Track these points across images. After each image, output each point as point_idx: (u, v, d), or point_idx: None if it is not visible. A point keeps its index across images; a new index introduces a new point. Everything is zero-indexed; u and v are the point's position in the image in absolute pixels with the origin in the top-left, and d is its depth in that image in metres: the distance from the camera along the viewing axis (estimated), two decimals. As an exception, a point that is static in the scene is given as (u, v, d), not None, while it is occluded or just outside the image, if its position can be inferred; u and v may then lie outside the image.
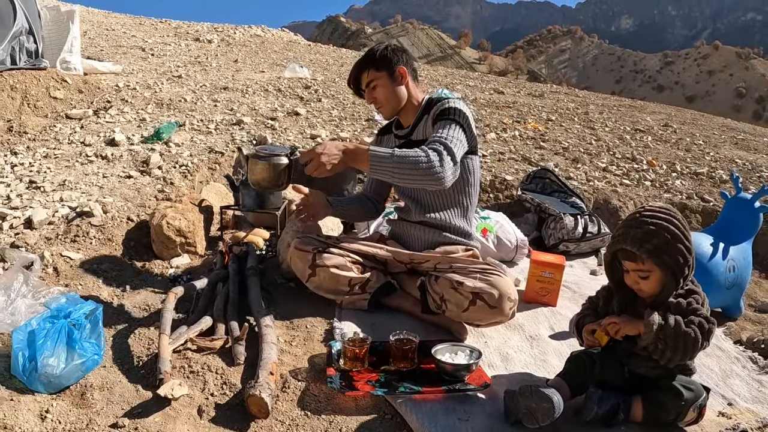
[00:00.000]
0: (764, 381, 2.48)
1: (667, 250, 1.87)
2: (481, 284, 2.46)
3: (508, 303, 2.45)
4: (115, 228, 3.17)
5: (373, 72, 2.78)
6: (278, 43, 13.97)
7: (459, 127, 2.57)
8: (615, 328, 1.94)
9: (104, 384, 1.96)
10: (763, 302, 3.40)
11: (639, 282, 1.95)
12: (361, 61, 2.85)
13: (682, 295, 1.94)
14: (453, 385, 2.10)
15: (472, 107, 7.66)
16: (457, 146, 2.49)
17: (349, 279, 2.66)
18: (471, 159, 2.74)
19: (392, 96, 2.80)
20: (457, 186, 2.73)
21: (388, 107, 2.84)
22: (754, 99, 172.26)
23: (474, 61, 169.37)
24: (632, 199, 4.54)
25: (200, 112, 5.59)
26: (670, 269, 1.88)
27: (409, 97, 2.84)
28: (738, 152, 7.30)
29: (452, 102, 2.69)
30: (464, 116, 2.63)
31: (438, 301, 2.55)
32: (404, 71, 2.79)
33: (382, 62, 2.77)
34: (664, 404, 1.88)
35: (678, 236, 1.88)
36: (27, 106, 5.03)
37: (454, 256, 2.70)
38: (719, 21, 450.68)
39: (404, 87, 2.81)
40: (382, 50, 2.79)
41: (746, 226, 3.16)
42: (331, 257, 2.66)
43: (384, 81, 2.78)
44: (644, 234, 1.89)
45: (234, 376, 2.09)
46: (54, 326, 1.93)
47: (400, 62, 2.78)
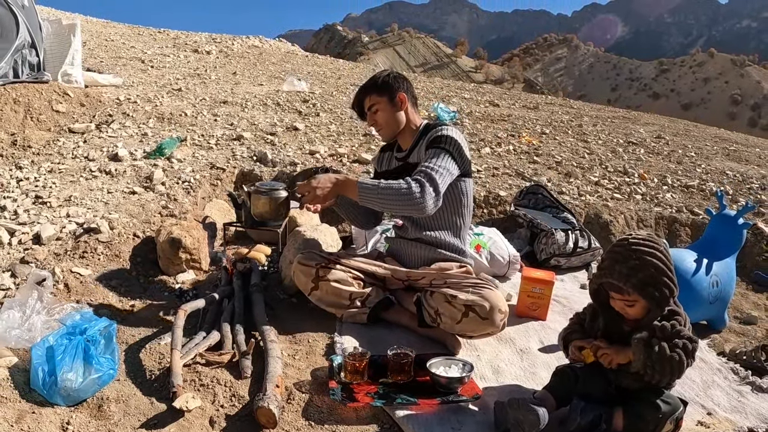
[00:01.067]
0: (744, 391, 2.59)
1: (652, 283, 1.98)
2: (473, 297, 2.59)
3: (498, 314, 2.57)
4: (122, 244, 3.27)
5: (375, 96, 2.97)
6: (276, 54, 14.08)
7: (448, 156, 2.73)
8: (607, 359, 2.05)
9: (120, 397, 2.07)
10: (748, 314, 3.49)
11: (625, 308, 2.07)
12: (365, 86, 3.03)
13: (665, 316, 2.04)
14: (447, 396, 2.22)
15: (467, 121, 7.77)
16: (442, 175, 2.66)
17: (350, 293, 2.80)
18: (464, 181, 2.89)
19: (391, 120, 2.98)
20: (452, 207, 2.90)
21: (387, 130, 3.02)
22: (750, 106, 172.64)
23: (470, 70, 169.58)
24: (623, 213, 4.64)
25: (201, 126, 5.69)
26: (655, 300, 1.99)
27: (408, 122, 3.01)
28: (729, 164, 7.39)
29: (446, 130, 2.84)
30: (455, 144, 2.78)
31: (433, 315, 2.67)
32: (404, 97, 2.96)
33: (384, 88, 2.95)
34: (642, 416, 1.99)
35: (662, 269, 1.99)
36: (30, 120, 5.09)
37: (449, 272, 2.83)
38: (714, 28, 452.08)
39: (403, 112, 2.99)
40: (384, 77, 2.98)
41: (730, 242, 3.26)
42: (333, 272, 2.81)
43: (384, 105, 2.96)
44: (630, 269, 1.99)
45: (242, 388, 2.21)
46: (71, 342, 2.05)
47: (400, 89, 2.96)
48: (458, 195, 2.89)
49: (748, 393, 2.59)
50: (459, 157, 2.78)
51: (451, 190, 2.80)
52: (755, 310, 3.59)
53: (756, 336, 3.24)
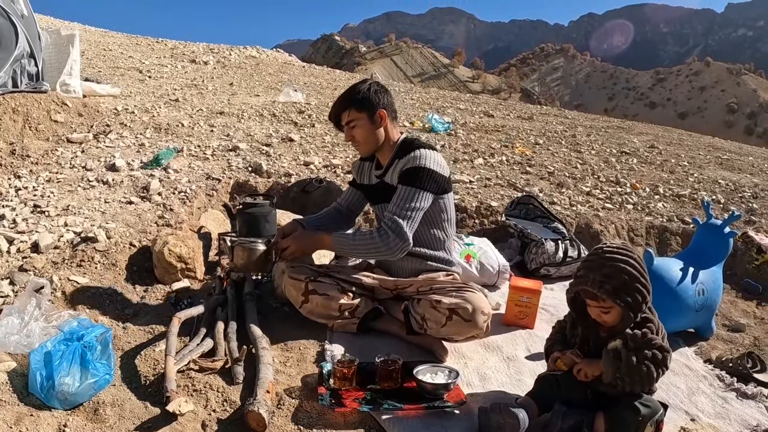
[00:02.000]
0: (729, 398, 2.64)
1: (624, 290, 2.05)
2: (456, 300, 2.65)
3: (481, 316, 2.64)
4: (118, 253, 3.31)
5: (354, 112, 2.87)
6: (273, 65, 14.16)
7: (422, 193, 2.73)
8: (581, 374, 2.13)
9: (115, 401, 2.12)
10: (736, 322, 3.54)
11: (601, 315, 2.14)
12: (343, 98, 2.92)
13: (638, 324, 2.11)
14: (432, 402, 2.28)
15: (461, 132, 7.82)
16: (412, 219, 2.72)
17: (339, 305, 2.82)
18: (443, 198, 2.87)
19: (370, 137, 2.90)
20: (432, 223, 2.90)
21: (365, 147, 2.96)
22: (746, 114, 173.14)
23: (467, 80, 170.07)
24: (613, 222, 4.70)
25: (197, 137, 5.75)
26: (628, 306, 2.06)
27: (386, 138, 2.93)
28: (722, 172, 7.46)
29: (420, 158, 2.76)
30: (430, 176, 2.74)
31: (420, 321, 2.72)
32: (384, 114, 2.88)
33: (364, 103, 2.86)
34: (623, 420, 2.04)
35: (635, 276, 2.06)
36: (29, 129, 5.13)
37: (435, 279, 2.87)
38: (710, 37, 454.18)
39: (383, 129, 2.91)
40: (365, 91, 2.87)
41: (717, 250, 3.31)
42: (322, 285, 2.83)
43: (363, 122, 2.87)
44: (603, 276, 2.07)
45: (234, 394, 2.26)
46: (68, 348, 2.11)
47: (380, 104, 2.87)
48: (438, 212, 2.88)
49: (733, 399, 2.64)
50: (435, 184, 2.76)
51: (430, 208, 2.81)
52: (744, 318, 3.64)
53: (743, 343, 3.29)
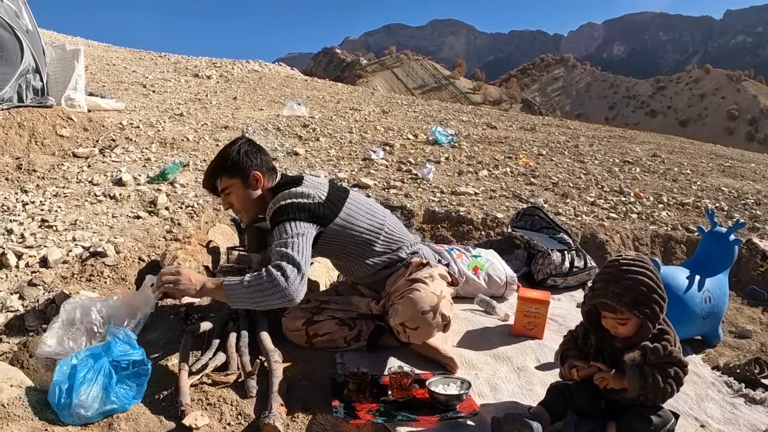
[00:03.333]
0: (737, 404, 2.66)
1: (644, 302, 2.07)
2: (397, 315, 2.58)
3: (425, 316, 2.53)
4: (127, 267, 3.32)
5: (226, 179, 2.73)
6: (276, 79, 14.23)
7: (291, 223, 2.52)
8: (603, 383, 2.13)
9: (129, 415, 2.13)
10: (743, 328, 3.55)
11: (617, 327, 2.15)
12: (214, 165, 2.78)
13: (656, 336, 2.12)
14: (445, 413, 2.28)
15: (465, 144, 7.85)
16: (294, 242, 2.46)
17: (343, 337, 2.81)
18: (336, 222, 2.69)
19: (248, 202, 2.76)
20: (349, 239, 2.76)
21: (246, 213, 2.83)
22: (747, 121, 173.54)
23: (468, 91, 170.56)
24: (618, 232, 4.71)
25: (203, 151, 5.78)
26: (647, 317, 2.08)
27: (268, 196, 2.77)
28: (725, 180, 7.49)
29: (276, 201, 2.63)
30: (292, 207, 2.58)
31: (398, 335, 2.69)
32: (259, 176, 2.73)
33: (235, 169, 2.71)
34: (635, 429, 2.06)
35: (653, 287, 2.08)
36: (35, 144, 5.16)
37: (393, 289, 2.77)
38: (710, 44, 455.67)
39: (260, 190, 2.76)
40: (234, 154, 2.71)
41: (722, 258, 3.35)
42: (321, 326, 2.80)
43: (238, 188, 2.73)
44: (622, 289, 2.08)
45: (248, 407, 2.28)
46: (95, 364, 2.10)
47: (252, 166, 2.72)
48: (342, 236, 2.73)
49: (741, 405, 2.65)
50: (303, 212, 2.58)
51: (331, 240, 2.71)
52: (750, 324, 3.65)
53: (750, 350, 3.29)
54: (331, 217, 2.67)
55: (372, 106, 10.95)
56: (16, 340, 2.59)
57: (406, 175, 5.71)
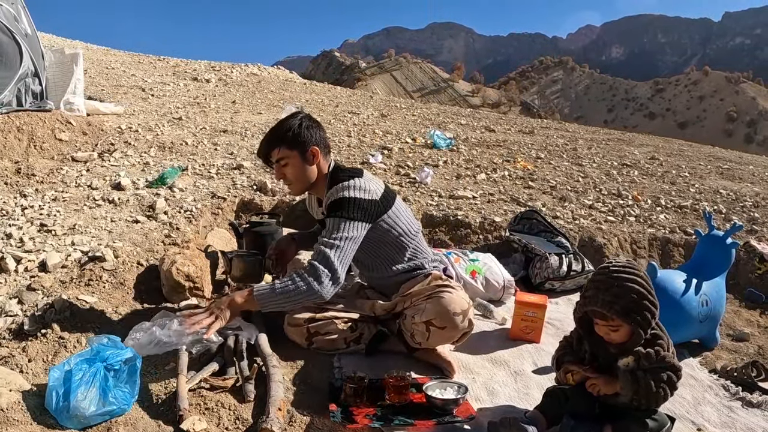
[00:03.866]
0: (734, 407, 2.66)
1: (634, 309, 2.08)
2: (426, 312, 2.63)
3: (455, 317, 2.61)
4: (126, 272, 3.32)
5: (284, 150, 2.74)
6: (274, 82, 14.25)
7: (349, 223, 2.59)
8: (595, 389, 2.14)
9: (128, 420, 2.14)
10: (741, 331, 3.55)
11: (610, 333, 2.16)
12: (272, 135, 2.79)
13: (648, 341, 2.13)
14: (442, 417, 2.30)
15: (463, 148, 7.86)
16: (342, 246, 2.55)
17: (344, 338, 2.82)
18: (384, 219, 2.75)
19: (302, 175, 2.79)
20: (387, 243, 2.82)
21: (296, 185, 2.85)
22: (745, 123, 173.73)
23: (467, 94, 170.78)
24: (616, 235, 4.71)
25: (201, 156, 5.80)
26: (638, 324, 2.08)
27: (319, 174, 2.82)
28: (723, 182, 7.49)
29: (345, 190, 2.65)
30: (355, 204, 2.63)
31: (410, 337, 2.74)
32: (317, 151, 2.76)
33: (295, 141, 2.73)
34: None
35: (643, 294, 2.08)
36: (34, 148, 5.17)
37: (413, 291, 2.81)
38: (708, 46, 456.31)
39: (315, 166, 2.79)
40: (296, 127, 2.73)
41: (719, 261, 3.34)
42: (323, 326, 2.82)
43: (295, 160, 2.75)
44: (613, 297, 2.09)
45: (245, 411, 2.28)
46: (90, 368, 2.11)
47: (312, 141, 2.75)
48: (384, 232, 2.78)
49: (738, 408, 2.65)
50: (362, 212, 2.64)
51: (372, 235, 2.72)
52: (748, 327, 3.65)
53: (748, 353, 3.30)
54: (381, 215, 2.73)
55: (370, 110, 10.96)
56: (15, 345, 2.59)
57: (404, 179, 5.73)
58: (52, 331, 2.68)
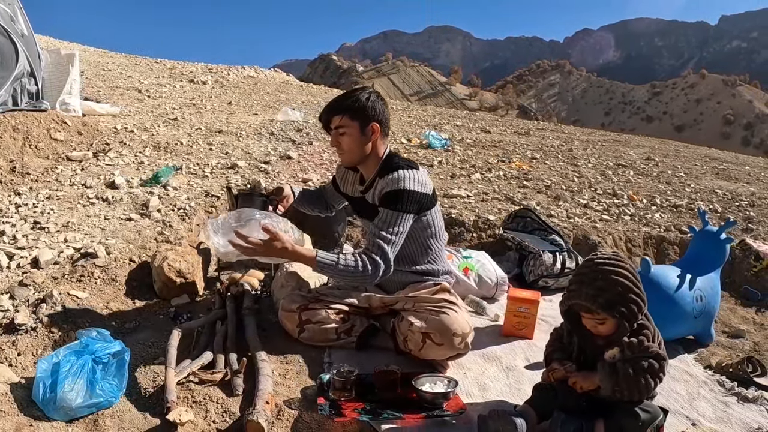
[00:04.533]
0: (729, 402, 2.66)
1: (619, 302, 2.05)
2: (428, 324, 2.61)
3: (454, 338, 2.58)
4: (118, 269, 3.32)
5: (346, 119, 2.73)
6: (271, 84, 14.25)
7: (404, 216, 2.63)
8: (576, 386, 2.12)
9: (115, 412, 2.13)
10: (736, 328, 3.55)
11: (597, 326, 2.15)
12: (338, 103, 2.78)
13: (634, 331, 2.11)
14: (432, 411, 2.28)
15: (458, 148, 7.87)
16: (396, 243, 2.62)
17: (335, 329, 2.80)
18: (427, 214, 2.78)
19: (357, 148, 2.77)
20: (417, 238, 2.82)
21: (348, 156, 2.83)
22: (742, 125, 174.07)
23: (465, 98, 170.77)
24: (611, 234, 4.72)
25: (196, 155, 5.79)
26: (623, 317, 2.07)
27: (373, 153, 2.81)
28: (719, 182, 7.50)
29: (403, 181, 2.66)
30: (412, 198, 2.65)
31: (402, 341, 2.71)
32: (377, 128, 2.75)
33: (359, 113, 2.72)
34: (623, 426, 2.04)
35: (628, 287, 2.06)
36: (29, 147, 5.16)
37: (419, 295, 2.81)
38: (705, 50, 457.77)
39: (371, 143, 2.78)
40: (363, 99, 2.72)
41: (714, 257, 3.34)
42: (315, 313, 2.81)
43: (353, 131, 2.73)
44: (596, 290, 2.06)
45: (233, 405, 2.27)
46: (78, 360, 2.10)
47: (375, 118, 2.74)
48: (421, 229, 2.80)
49: (734, 403, 2.65)
50: (416, 204, 2.67)
51: (413, 225, 2.72)
52: (743, 324, 3.65)
53: (743, 349, 3.30)
54: (427, 209, 2.77)
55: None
56: (5, 339, 2.58)
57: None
58: (42, 325, 2.68)
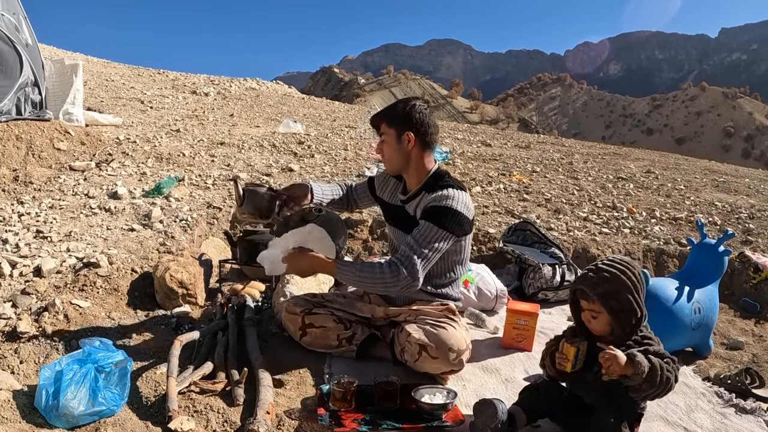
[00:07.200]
0: (728, 413, 2.66)
1: (615, 296, 2.11)
2: (425, 336, 2.62)
3: (450, 354, 2.59)
4: (120, 279, 3.35)
5: (385, 126, 2.79)
6: (273, 97, 14.31)
7: (444, 235, 2.62)
8: (608, 362, 2.01)
9: (116, 421, 2.14)
10: (735, 340, 3.56)
11: (590, 320, 2.19)
12: (385, 110, 2.86)
13: (638, 341, 2.13)
14: (431, 423, 2.30)
15: (459, 161, 7.89)
16: (428, 259, 2.60)
17: (336, 334, 2.84)
18: (464, 239, 2.78)
19: (394, 155, 2.80)
20: (447, 261, 2.81)
21: (389, 164, 2.87)
22: (743, 138, 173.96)
23: (466, 110, 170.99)
24: (610, 247, 4.73)
25: (198, 167, 5.82)
26: (615, 314, 2.11)
27: (415, 164, 2.81)
28: (718, 195, 7.51)
29: (452, 200, 2.66)
30: (457, 219, 2.65)
31: (399, 352, 2.73)
32: (411, 137, 2.74)
33: (396, 120, 2.76)
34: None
35: (627, 286, 2.11)
36: (32, 157, 5.20)
37: (422, 309, 2.82)
38: (705, 62, 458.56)
39: (410, 153, 2.78)
40: (403, 108, 2.76)
41: (712, 269, 3.35)
42: (318, 318, 2.86)
43: (391, 138, 2.77)
44: (599, 279, 2.13)
45: (234, 415, 2.28)
46: (81, 369, 2.12)
47: (411, 127, 2.74)
48: (453, 252, 2.79)
49: (732, 415, 2.65)
50: (459, 227, 2.67)
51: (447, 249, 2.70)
52: (742, 336, 3.66)
53: (742, 361, 3.30)
54: (465, 234, 2.77)
55: (367, 124, 10.96)
56: (7, 347, 2.61)
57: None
58: (44, 334, 2.70)
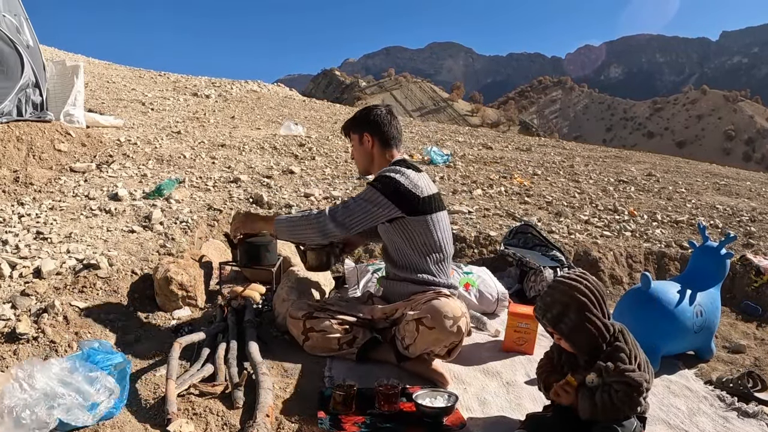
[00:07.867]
0: (730, 417, 2.65)
1: (562, 319, 2.07)
2: (419, 310, 2.68)
3: (446, 321, 2.63)
4: (120, 280, 3.33)
5: (351, 132, 3.14)
6: (274, 99, 14.32)
7: (373, 192, 2.82)
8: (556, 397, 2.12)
9: (116, 423, 2.13)
10: (736, 343, 3.54)
11: (559, 340, 2.17)
12: (350, 118, 3.19)
13: (609, 354, 2.07)
14: (432, 426, 2.28)
15: (460, 164, 7.88)
16: (353, 208, 2.83)
17: (338, 338, 2.85)
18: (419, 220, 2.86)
19: (360, 157, 3.14)
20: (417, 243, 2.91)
21: (358, 165, 3.22)
22: (743, 141, 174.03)
23: (467, 113, 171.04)
24: (612, 249, 4.72)
25: (199, 169, 5.81)
26: (566, 335, 2.09)
27: (378, 162, 3.08)
28: (720, 198, 7.51)
29: (390, 170, 2.89)
30: (390, 183, 2.82)
31: (401, 341, 2.75)
32: (370, 137, 3.05)
33: (357, 125, 3.10)
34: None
35: (574, 306, 2.07)
36: (32, 158, 5.18)
37: (416, 297, 2.86)
38: (706, 65, 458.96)
39: (371, 152, 3.08)
40: (363, 113, 3.12)
41: (714, 272, 3.34)
42: (319, 322, 2.87)
43: (355, 142, 3.13)
44: (544, 305, 2.12)
45: (234, 418, 2.27)
46: None
47: (368, 129, 3.05)
48: (409, 234, 2.89)
49: (734, 419, 2.64)
50: (396, 195, 2.81)
51: (401, 229, 2.88)
52: (744, 339, 3.65)
53: (744, 364, 3.29)
54: (417, 211, 2.85)
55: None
56: (6, 348, 2.59)
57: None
58: (43, 335, 2.68)
